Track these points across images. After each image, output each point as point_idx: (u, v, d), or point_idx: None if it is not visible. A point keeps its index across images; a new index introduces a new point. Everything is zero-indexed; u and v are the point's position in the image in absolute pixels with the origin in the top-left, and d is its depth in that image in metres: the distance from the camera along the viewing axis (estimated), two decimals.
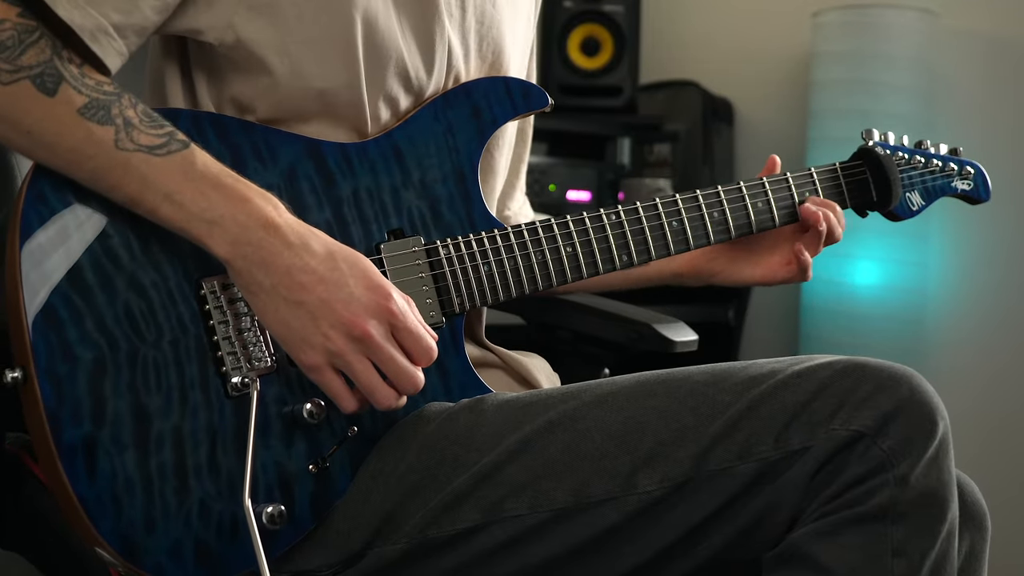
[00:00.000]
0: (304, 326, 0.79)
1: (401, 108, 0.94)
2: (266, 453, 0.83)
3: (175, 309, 0.81)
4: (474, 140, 0.95)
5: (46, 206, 0.78)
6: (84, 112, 0.78)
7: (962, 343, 2.22)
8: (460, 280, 0.91)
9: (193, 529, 0.79)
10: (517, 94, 0.97)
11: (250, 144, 0.86)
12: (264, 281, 0.79)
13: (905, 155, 1.13)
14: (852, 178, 1.10)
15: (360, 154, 0.90)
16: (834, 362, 0.81)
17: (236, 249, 0.78)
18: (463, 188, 0.94)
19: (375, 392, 0.80)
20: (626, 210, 0.98)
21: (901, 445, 0.78)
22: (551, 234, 0.95)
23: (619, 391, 0.85)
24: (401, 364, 0.80)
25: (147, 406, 0.78)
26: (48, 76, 0.77)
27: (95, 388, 0.77)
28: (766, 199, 1.04)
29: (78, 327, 0.77)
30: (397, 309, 0.80)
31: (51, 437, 0.75)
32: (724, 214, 1.02)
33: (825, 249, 2.65)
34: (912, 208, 1.12)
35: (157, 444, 0.78)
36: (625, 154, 2.40)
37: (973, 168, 1.17)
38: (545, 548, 0.82)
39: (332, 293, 0.79)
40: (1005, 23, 2.21)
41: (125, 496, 0.77)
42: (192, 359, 0.80)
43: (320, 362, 0.79)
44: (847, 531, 0.77)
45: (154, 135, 0.79)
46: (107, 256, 0.79)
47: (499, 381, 1.00)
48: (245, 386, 0.81)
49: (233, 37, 0.87)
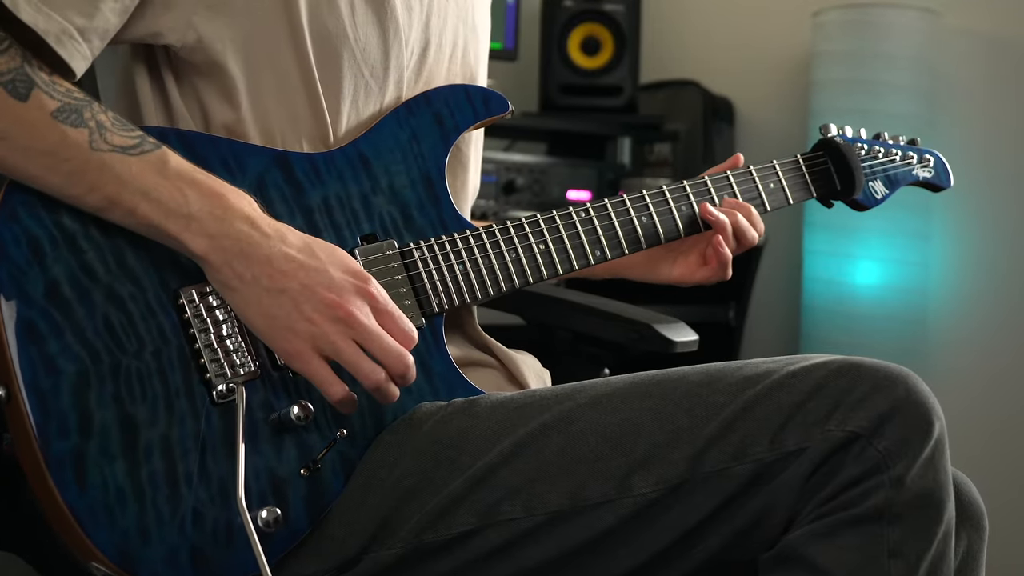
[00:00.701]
0: (287, 313, 0.79)
1: (362, 111, 0.94)
2: (256, 459, 0.82)
3: (155, 320, 0.81)
4: (439, 146, 0.96)
5: (18, 223, 0.78)
6: (57, 115, 0.78)
7: (963, 344, 2.22)
8: (436, 280, 0.91)
9: (188, 537, 0.79)
10: (478, 101, 0.98)
11: (217, 156, 0.86)
12: (244, 273, 0.79)
13: (864, 146, 1.14)
14: (815, 168, 1.11)
15: (328, 163, 0.90)
16: (829, 362, 0.81)
17: (214, 243, 0.79)
18: (432, 192, 0.94)
19: (361, 370, 0.80)
20: (595, 206, 0.99)
21: (897, 446, 0.77)
22: (522, 232, 0.95)
23: (614, 392, 0.84)
24: (387, 341, 0.80)
25: (133, 416, 0.78)
26: (20, 82, 0.78)
27: (80, 400, 0.77)
28: (731, 191, 1.06)
29: (59, 340, 0.77)
30: (376, 291, 0.81)
31: (39, 451, 0.75)
32: (691, 207, 1.04)
33: (826, 249, 2.64)
34: (876, 196, 1.13)
35: (146, 453, 0.78)
36: (625, 154, 2.40)
37: (932, 156, 1.19)
38: (541, 551, 0.82)
39: (313, 278, 0.79)
40: (1006, 22, 2.20)
41: (117, 506, 0.77)
42: (175, 368, 0.80)
43: (304, 348, 0.79)
44: (843, 532, 0.77)
45: (126, 136, 0.80)
46: (83, 270, 0.79)
47: (490, 380, 1.00)
48: (231, 392, 0.81)
49: (194, 37, 0.87)
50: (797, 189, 1.10)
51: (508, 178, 2.17)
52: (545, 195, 2.21)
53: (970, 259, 2.22)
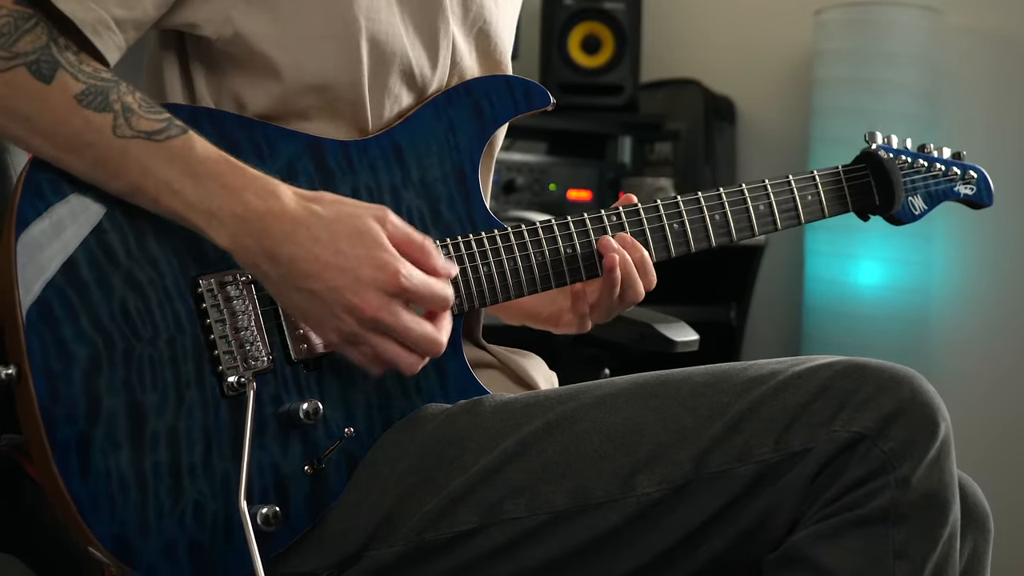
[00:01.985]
0: (319, 311, 0.79)
1: (403, 105, 0.93)
2: (261, 453, 0.82)
3: (171, 307, 0.80)
4: (475, 139, 0.94)
5: (43, 200, 0.78)
6: (81, 99, 0.77)
7: (966, 344, 2.22)
8: (459, 281, 0.90)
9: (187, 530, 0.79)
10: (519, 92, 0.97)
11: (248, 140, 0.85)
12: (271, 272, 0.78)
13: (908, 159, 1.12)
14: (855, 181, 1.09)
15: (360, 152, 0.90)
16: (835, 363, 0.81)
17: (236, 241, 0.78)
18: (463, 188, 0.93)
19: (399, 362, 0.80)
20: (627, 211, 0.97)
21: (902, 447, 0.77)
22: (551, 235, 0.94)
23: (618, 392, 0.84)
24: (417, 333, 0.79)
25: (142, 404, 0.78)
26: (44, 63, 0.77)
27: (90, 386, 0.76)
28: (767, 201, 1.03)
29: (73, 324, 0.76)
30: (406, 281, 0.78)
31: (45, 435, 0.75)
32: (726, 216, 1.01)
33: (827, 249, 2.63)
34: (914, 212, 1.11)
35: (152, 443, 0.78)
36: (626, 153, 2.39)
37: (976, 172, 1.16)
38: (544, 550, 0.82)
39: (338, 279, 0.78)
40: (1009, 21, 2.20)
41: (119, 495, 0.76)
42: (188, 358, 0.80)
43: (338, 340, 0.80)
44: (848, 533, 0.77)
45: (153, 120, 0.79)
46: (103, 252, 0.79)
47: (496, 382, 1.00)
48: (241, 386, 0.81)
49: (231, 31, 0.86)
50: (834, 202, 1.07)
51: (508, 177, 2.16)
52: (545, 194, 2.20)
53: (973, 259, 2.22)
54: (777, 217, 1.04)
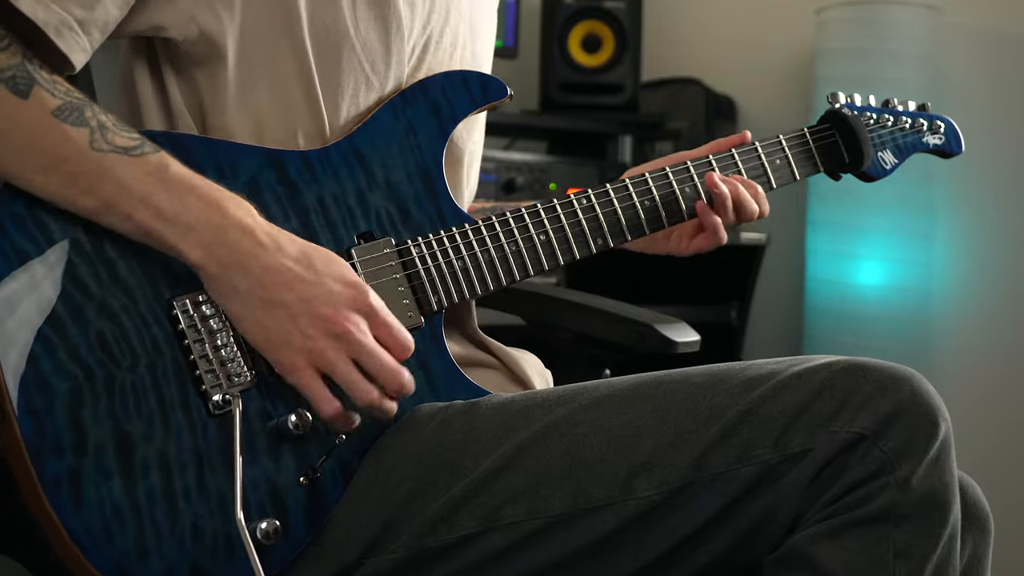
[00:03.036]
0: (283, 327, 0.78)
1: (361, 107, 0.93)
2: (254, 469, 0.81)
3: (148, 332, 0.80)
4: (436, 137, 0.94)
5: (6, 239, 0.77)
6: (58, 114, 0.77)
7: (967, 344, 2.21)
8: (435, 277, 0.90)
9: (187, 553, 0.78)
10: (475, 87, 0.96)
11: (211, 160, 0.85)
12: (240, 284, 0.78)
13: (873, 115, 1.12)
14: (822, 141, 1.10)
15: (322, 160, 0.89)
16: (834, 363, 0.81)
17: (210, 253, 0.78)
18: (429, 185, 0.93)
19: (355, 388, 0.80)
20: (596, 193, 0.97)
21: (902, 447, 0.77)
22: (523, 223, 0.94)
23: (616, 394, 0.84)
24: (382, 359, 0.80)
25: (129, 432, 0.77)
26: (20, 79, 0.77)
27: (74, 418, 0.76)
28: (736, 170, 1.04)
29: (51, 358, 0.76)
30: (374, 303, 0.81)
31: (34, 471, 0.74)
32: (695, 188, 1.02)
33: (828, 249, 2.62)
34: (885, 167, 1.11)
35: (143, 469, 0.77)
36: (627, 152, 2.39)
37: (943, 122, 1.17)
38: (544, 554, 0.82)
39: (310, 291, 0.79)
40: (1010, 19, 2.20)
41: (115, 524, 0.76)
42: (170, 381, 0.79)
43: (299, 362, 0.79)
44: (848, 534, 0.77)
45: (127, 137, 0.79)
46: (74, 284, 0.78)
47: (491, 380, 0.99)
48: (227, 403, 0.80)
49: (196, 31, 0.86)
50: (804, 164, 1.08)
51: (508, 177, 2.16)
52: (546, 194, 2.20)
53: (974, 258, 2.21)
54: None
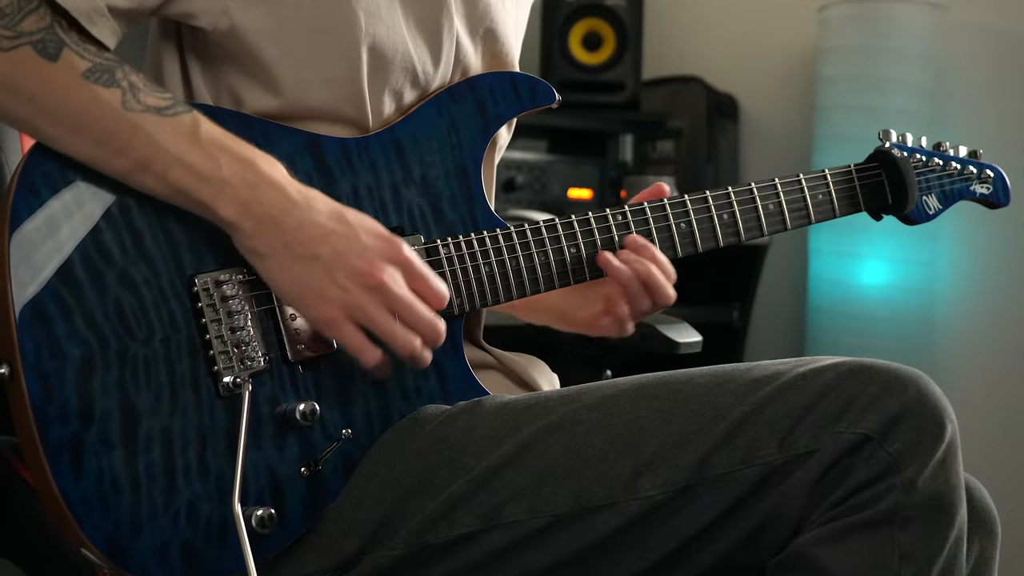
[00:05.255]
0: (320, 281, 0.79)
1: (405, 102, 0.92)
2: (257, 455, 0.81)
3: (167, 306, 0.80)
4: (478, 136, 0.93)
5: (37, 198, 0.77)
6: (89, 75, 0.78)
7: (972, 344, 2.21)
8: (460, 281, 0.90)
9: (180, 531, 0.78)
10: (524, 90, 0.95)
11: (247, 136, 0.84)
12: (275, 241, 0.79)
13: (923, 157, 1.10)
14: (867, 180, 1.07)
15: (360, 150, 0.89)
16: (839, 363, 0.80)
17: (246, 209, 0.78)
18: (466, 185, 0.92)
19: (396, 338, 0.80)
20: (633, 210, 0.96)
21: (908, 448, 0.77)
22: (555, 234, 0.93)
23: (620, 394, 0.83)
24: (420, 310, 0.80)
25: (136, 405, 0.77)
26: (50, 41, 0.78)
27: (83, 386, 0.76)
28: (777, 200, 1.01)
29: (67, 323, 0.76)
30: (408, 256, 0.81)
31: (37, 435, 0.74)
32: (734, 216, 1.00)
33: (832, 248, 2.62)
34: (928, 212, 1.09)
35: (146, 444, 0.77)
36: (627, 151, 2.39)
37: (993, 171, 1.15)
38: (545, 554, 0.81)
39: (345, 244, 0.79)
40: (1015, 16, 2.19)
41: (112, 496, 0.76)
42: (183, 358, 0.79)
43: (338, 315, 0.79)
44: (853, 536, 0.76)
45: (159, 97, 0.80)
46: (98, 251, 0.78)
47: (497, 383, 0.99)
48: (237, 386, 0.80)
49: (227, 24, 0.86)
50: (845, 202, 1.04)
51: (508, 176, 2.15)
52: (546, 193, 2.19)
53: (978, 258, 2.21)
54: (787, 216, 1.02)
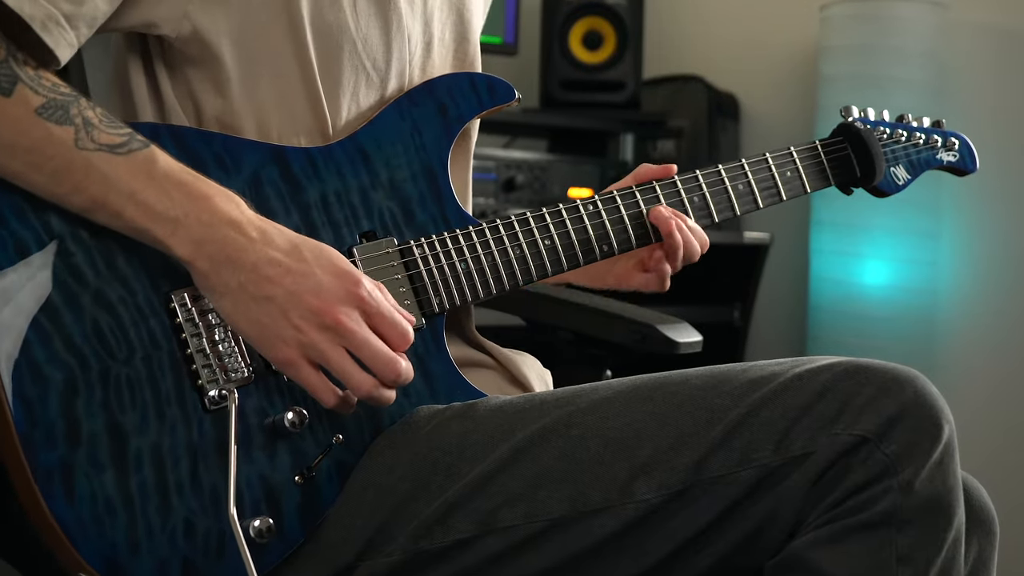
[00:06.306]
0: (275, 321, 0.78)
1: (363, 106, 0.92)
2: (249, 466, 0.81)
3: (145, 324, 0.79)
4: (442, 138, 0.93)
5: (5, 228, 0.77)
6: (42, 112, 0.77)
7: (973, 344, 2.20)
8: (437, 279, 0.90)
9: (179, 548, 0.78)
10: (483, 89, 0.95)
11: (211, 153, 0.85)
12: (230, 280, 0.78)
13: (887, 129, 1.12)
14: (834, 155, 1.09)
15: (325, 158, 0.89)
16: (836, 364, 0.80)
17: (200, 249, 0.77)
18: (435, 186, 0.92)
19: (350, 378, 0.79)
20: (603, 198, 0.97)
21: (905, 450, 0.76)
22: (527, 227, 0.93)
23: (615, 396, 0.83)
24: (376, 347, 0.79)
25: (123, 424, 0.77)
26: (3, 76, 0.77)
27: (68, 409, 0.75)
28: (746, 180, 1.03)
29: (46, 348, 0.76)
30: (367, 294, 0.79)
31: (26, 461, 0.74)
32: (704, 198, 1.01)
33: (833, 248, 2.61)
34: (898, 183, 1.11)
35: (136, 463, 0.77)
36: (628, 150, 2.39)
37: (957, 139, 1.16)
38: (542, 558, 0.81)
39: (300, 284, 0.78)
40: (1016, 15, 2.18)
41: (106, 517, 0.76)
42: (166, 374, 0.79)
43: (294, 356, 0.78)
44: (851, 538, 0.76)
45: (114, 134, 0.78)
46: (71, 274, 0.78)
47: (490, 382, 0.99)
48: (223, 398, 0.80)
49: (189, 28, 0.86)
50: (815, 177, 1.07)
51: (508, 176, 2.15)
52: (546, 193, 2.19)
53: (980, 258, 2.20)
54: (757, 195, 1.04)
